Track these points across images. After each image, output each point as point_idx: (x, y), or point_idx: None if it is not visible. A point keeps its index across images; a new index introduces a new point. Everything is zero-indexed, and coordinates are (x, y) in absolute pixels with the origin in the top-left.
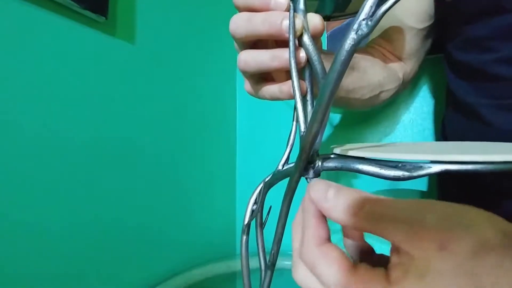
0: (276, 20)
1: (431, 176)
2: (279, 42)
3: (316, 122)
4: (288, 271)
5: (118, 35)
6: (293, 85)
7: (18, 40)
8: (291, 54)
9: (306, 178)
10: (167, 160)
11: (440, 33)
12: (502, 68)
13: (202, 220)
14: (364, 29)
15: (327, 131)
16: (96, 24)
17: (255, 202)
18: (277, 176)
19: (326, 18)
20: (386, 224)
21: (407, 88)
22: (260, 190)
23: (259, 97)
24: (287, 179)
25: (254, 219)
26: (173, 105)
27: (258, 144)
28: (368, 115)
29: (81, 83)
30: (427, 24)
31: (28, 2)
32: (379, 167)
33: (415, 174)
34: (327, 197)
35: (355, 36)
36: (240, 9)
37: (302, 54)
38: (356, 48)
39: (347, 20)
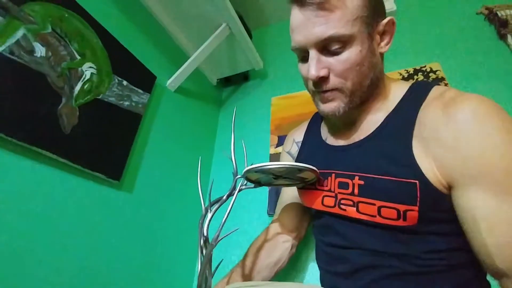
0: None
1: None
2: None
3: None
4: None
5: (123, 189)
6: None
7: (62, 199)
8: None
9: None
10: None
11: None
12: (323, 246)
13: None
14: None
15: None
16: (111, 184)
17: None
18: None
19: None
20: None
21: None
22: None
23: None
24: None
25: None
26: (150, 238)
27: None
28: None
29: (96, 224)
30: (300, 207)
31: (67, 172)
32: None
33: None
34: None
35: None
36: None
37: None
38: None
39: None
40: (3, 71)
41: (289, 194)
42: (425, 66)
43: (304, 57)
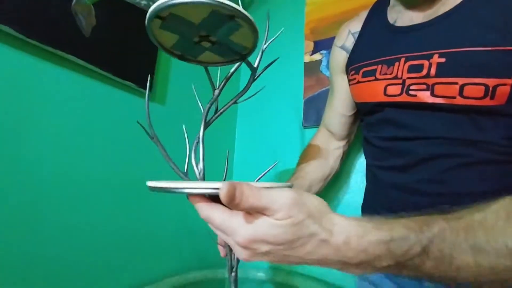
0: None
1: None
2: None
3: None
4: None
5: (156, 100)
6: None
7: (99, 108)
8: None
9: None
10: None
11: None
12: (377, 141)
13: (199, 235)
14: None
15: None
16: (142, 94)
17: None
18: None
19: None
20: None
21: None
22: None
23: None
24: None
25: None
26: None
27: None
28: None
29: (127, 136)
30: (353, 112)
31: (108, 85)
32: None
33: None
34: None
35: None
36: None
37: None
38: None
39: (319, 91)
40: None
41: (339, 96)
42: None
43: None
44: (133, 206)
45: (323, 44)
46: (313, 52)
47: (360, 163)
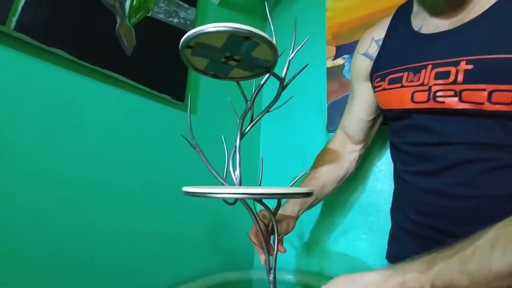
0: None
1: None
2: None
3: None
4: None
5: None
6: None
7: (132, 121)
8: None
9: None
10: None
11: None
12: (405, 147)
13: (228, 237)
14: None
15: None
16: (177, 105)
17: None
18: None
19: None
20: None
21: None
22: None
23: None
24: None
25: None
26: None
27: None
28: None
29: (162, 144)
30: (372, 117)
31: (136, 94)
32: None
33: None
34: None
35: None
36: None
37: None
38: None
39: (343, 95)
40: None
41: (359, 101)
42: None
43: None
44: (167, 209)
45: (345, 49)
46: (336, 57)
47: (376, 166)
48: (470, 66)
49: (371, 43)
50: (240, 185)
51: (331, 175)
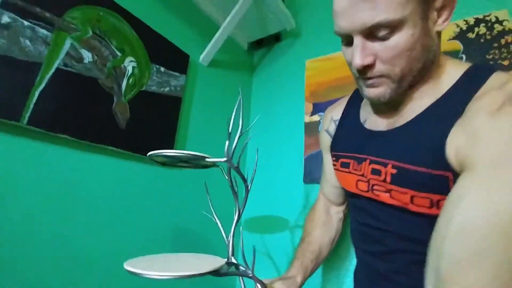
0: None
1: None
2: None
3: None
4: None
5: (175, 169)
6: None
7: (128, 183)
8: None
9: None
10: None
11: None
12: (356, 224)
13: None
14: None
15: None
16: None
17: None
18: None
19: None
20: None
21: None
22: None
23: None
24: None
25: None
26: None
27: None
28: None
29: (154, 198)
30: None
31: (128, 160)
32: None
33: None
34: None
35: None
36: None
37: None
38: None
39: (319, 150)
40: (63, 83)
41: (330, 170)
42: (489, 15)
43: (348, 41)
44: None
45: (321, 107)
46: (312, 113)
47: None
48: (394, 171)
49: (330, 122)
50: (233, 255)
51: (325, 237)
